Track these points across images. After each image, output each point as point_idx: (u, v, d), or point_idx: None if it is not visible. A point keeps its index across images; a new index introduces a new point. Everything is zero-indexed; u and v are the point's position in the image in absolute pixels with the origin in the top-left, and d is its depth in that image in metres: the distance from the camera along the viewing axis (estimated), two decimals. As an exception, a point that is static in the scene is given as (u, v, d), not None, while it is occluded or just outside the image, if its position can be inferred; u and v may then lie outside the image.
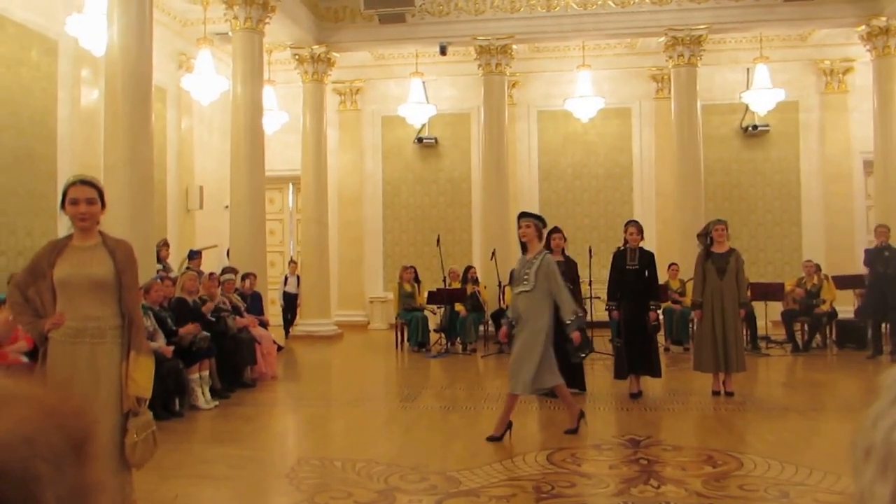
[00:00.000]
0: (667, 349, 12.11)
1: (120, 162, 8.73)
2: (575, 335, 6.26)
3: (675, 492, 4.87)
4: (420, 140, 16.88)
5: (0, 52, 10.11)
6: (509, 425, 6.27)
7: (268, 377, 9.56)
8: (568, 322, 6.19)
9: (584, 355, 6.65)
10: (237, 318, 9.25)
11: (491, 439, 6.14)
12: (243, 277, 10.88)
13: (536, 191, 16.87)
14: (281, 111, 15.57)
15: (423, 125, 16.52)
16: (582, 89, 15.37)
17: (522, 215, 6.47)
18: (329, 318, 14.89)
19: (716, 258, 8.24)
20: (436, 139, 16.91)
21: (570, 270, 8.38)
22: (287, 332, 14.56)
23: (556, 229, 8.53)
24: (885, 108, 13.80)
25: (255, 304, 10.68)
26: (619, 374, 8.38)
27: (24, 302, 3.59)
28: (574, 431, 6.35)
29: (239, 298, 9.89)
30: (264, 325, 10.34)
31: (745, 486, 5.02)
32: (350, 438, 6.82)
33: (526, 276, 6.17)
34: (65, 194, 3.64)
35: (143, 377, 3.55)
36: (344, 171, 17.09)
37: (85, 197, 3.60)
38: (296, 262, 15.43)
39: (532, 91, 16.92)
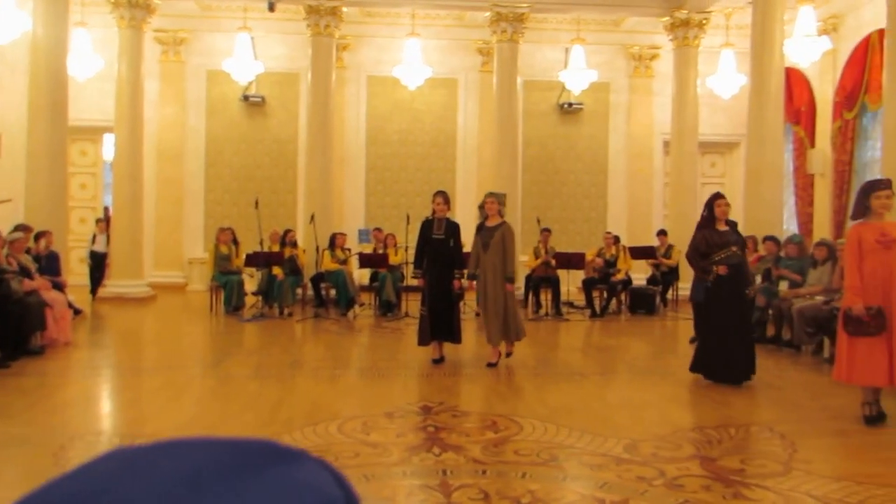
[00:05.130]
0: (478, 314, 12.44)
1: None
2: None
3: (454, 458, 4.94)
4: (246, 98, 16.40)
5: None
6: None
7: (60, 343, 9.02)
8: None
9: None
10: (25, 280, 8.67)
11: None
12: (37, 236, 10.17)
13: (363, 155, 16.88)
14: (95, 55, 14.63)
15: (250, 83, 16.04)
16: (411, 57, 15.42)
17: None
18: (141, 278, 14.31)
19: (484, 231, 8.41)
20: (263, 98, 16.49)
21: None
22: (94, 294, 13.89)
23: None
24: (682, 93, 14.93)
25: (50, 264, 10.05)
26: (422, 340, 8.54)
27: None
28: None
29: (30, 259, 9.26)
30: (59, 287, 9.77)
31: (520, 450, 5.17)
32: (137, 411, 6.61)
33: None
34: None
35: None
36: (164, 125, 16.31)
37: None
38: (104, 221, 14.59)
39: (363, 56, 16.80)
